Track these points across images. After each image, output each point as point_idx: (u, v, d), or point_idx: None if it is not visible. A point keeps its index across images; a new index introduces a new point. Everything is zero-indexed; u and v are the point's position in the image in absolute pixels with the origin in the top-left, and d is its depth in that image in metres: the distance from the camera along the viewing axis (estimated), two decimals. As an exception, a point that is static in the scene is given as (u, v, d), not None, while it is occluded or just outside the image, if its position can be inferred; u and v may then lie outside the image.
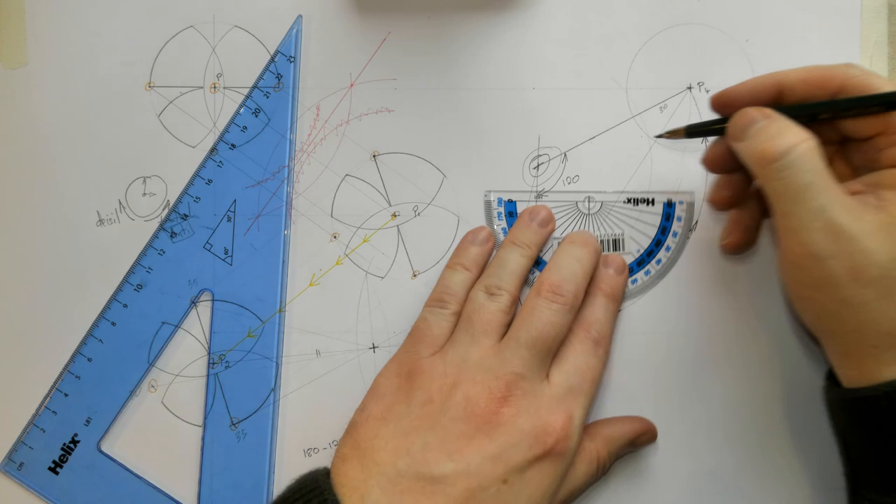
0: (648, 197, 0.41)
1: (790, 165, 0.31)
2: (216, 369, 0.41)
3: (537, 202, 0.41)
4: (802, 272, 0.32)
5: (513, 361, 0.35)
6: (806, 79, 0.34)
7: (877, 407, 0.32)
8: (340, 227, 0.42)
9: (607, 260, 0.40)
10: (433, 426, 0.35)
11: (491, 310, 0.37)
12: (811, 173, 0.31)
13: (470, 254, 0.40)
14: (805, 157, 0.31)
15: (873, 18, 0.40)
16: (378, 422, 0.36)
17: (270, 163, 0.41)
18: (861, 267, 0.31)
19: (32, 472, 0.41)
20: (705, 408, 0.40)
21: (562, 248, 0.39)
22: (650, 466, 0.40)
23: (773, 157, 0.32)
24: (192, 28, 0.42)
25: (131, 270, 0.41)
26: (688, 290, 0.41)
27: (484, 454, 0.34)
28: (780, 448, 0.40)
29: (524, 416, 0.35)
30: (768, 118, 0.33)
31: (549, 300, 0.36)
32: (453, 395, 0.35)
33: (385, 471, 0.34)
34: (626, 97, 0.41)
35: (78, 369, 0.41)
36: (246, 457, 0.40)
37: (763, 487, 0.40)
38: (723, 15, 0.41)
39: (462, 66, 0.41)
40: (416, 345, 0.38)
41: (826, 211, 0.31)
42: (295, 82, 0.41)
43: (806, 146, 0.31)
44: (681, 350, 0.40)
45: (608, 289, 0.39)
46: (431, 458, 0.34)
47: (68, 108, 0.42)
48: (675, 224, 0.41)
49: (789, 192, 0.31)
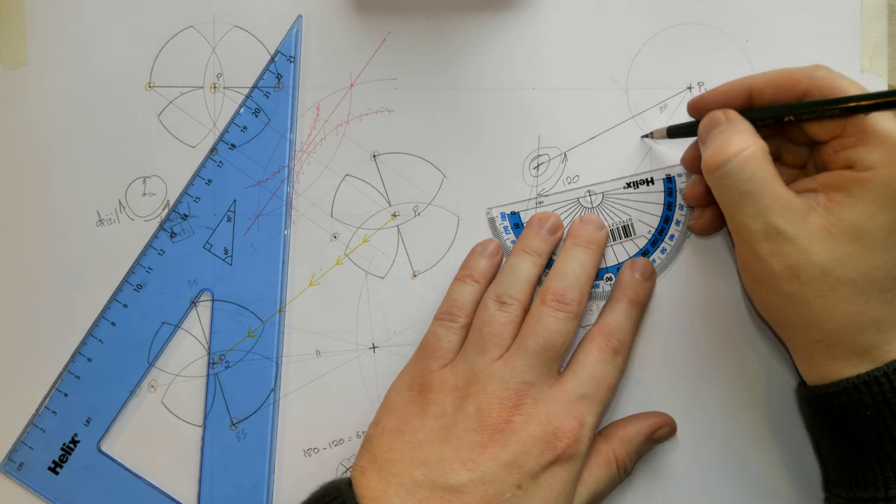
0: (647, 178, 0.41)
1: (728, 175, 0.33)
2: (216, 369, 0.41)
3: (538, 206, 0.41)
4: (748, 267, 0.34)
5: (522, 371, 0.36)
6: (774, 82, 0.35)
7: (835, 404, 0.33)
8: (340, 227, 0.42)
9: (635, 264, 0.40)
10: (447, 438, 0.35)
11: (501, 322, 0.37)
12: (750, 182, 0.33)
13: (479, 266, 0.40)
14: (744, 166, 0.33)
15: (873, 18, 0.41)
16: (393, 435, 0.36)
17: (270, 163, 0.41)
18: (800, 266, 0.32)
19: (32, 472, 0.41)
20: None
21: (565, 251, 0.39)
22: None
23: (714, 166, 0.33)
24: (192, 28, 0.42)
25: (131, 270, 0.41)
26: (695, 279, 0.41)
27: (498, 462, 0.34)
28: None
29: (535, 423, 0.35)
30: (728, 121, 0.35)
31: (555, 309, 0.37)
32: (465, 407, 0.36)
33: (403, 481, 0.35)
34: (626, 97, 0.41)
35: (78, 369, 0.41)
36: (246, 457, 0.40)
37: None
38: (723, 15, 0.41)
39: (462, 66, 0.41)
40: (427, 359, 0.38)
41: (765, 214, 0.32)
42: (295, 82, 0.41)
43: (746, 154, 0.33)
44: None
45: (633, 295, 0.39)
46: (447, 467, 0.34)
47: (68, 107, 0.42)
48: (679, 197, 0.41)
49: (731, 197, 0.33)
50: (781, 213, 0.32)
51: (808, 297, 0.32)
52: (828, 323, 0.32)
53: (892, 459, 0.32)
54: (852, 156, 0.33)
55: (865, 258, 0.32)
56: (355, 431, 0.41)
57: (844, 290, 0.32)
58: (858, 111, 0.32)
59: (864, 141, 0.32)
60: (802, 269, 0.32)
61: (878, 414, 0.32)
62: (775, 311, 0.34)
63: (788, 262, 0.32)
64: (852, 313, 0.32)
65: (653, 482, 0.40)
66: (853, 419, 0.32)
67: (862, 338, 0.32)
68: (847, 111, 0.33)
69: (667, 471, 0.40)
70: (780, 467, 0.40)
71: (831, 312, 0.32)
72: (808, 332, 0.33)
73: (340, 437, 0.41)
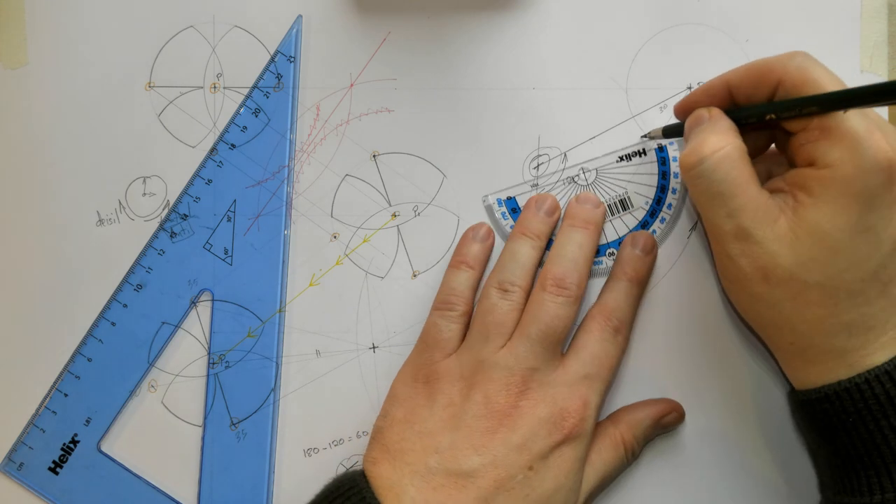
0: (639, 149, 0.41)
1: (702, 175, 0.33)
2: (216, 369, 0.41)
3: (533, 189, 0.41)
4: (722, 266, 0.34)
5: (526, 357, 0.36)
6: (748, 74, 0.34)
7: (818, 410, 0.33)
8: (340, 227, 0.42)
9: (636, 238, 0.40)
10: (457, 425, 0.36)
11: (504, 310, 0.37)
12: (723, 182, 0.32)
13: (472, 251, 0.40)
14: (717, 166, 0.32)
15: (873, 18, 0.40)
16: (403, 425, 0.37)
17: (270, 163, 0.41)
18: (768, 268, 0.32)
19: (32, 472, 0.41)
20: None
21: (563, 234, 0.39)
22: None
23: (689, 165, 0.33)
24: (192, 28, 0.42)
25: (131, 270, 0.41)
26: (695, 279, 0.41)
27: (508, 445, 0.35)
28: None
29: (541, 405, 0.36)
30: (711, 119, 0.35)
31: (555, 294, 0.37)
32: (473, 396, 0.36)
33: (417, 469, 0.35)
34: (626, 97, 0.41)
35: (78, 369, 0.41)
36: (246, 457, 0.40)
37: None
38: (723, 15, 0.41)
39: (462, 65, 0.41)
40: (429, 350, 0.38)
41: (735, 216, 0.32)
42: (295, 82, 0.41)
43: (721, 155, 0.32)
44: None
45: (633, 272, 0.39)
46: (460, 454, 0.35)
47: (68, 107, 0.42)
48: (673, 165, 0.41)
49: (704, 197, 0.33)
50: (752, 215, 0.32)
51: (778, 300, 0.32)
52: (799, 325, 0.32)
53: (874, 465, 0.32)
54: (813, 152, 0.32)
55: (830, 261, 0.31)
56: (355, 431, 0.41)
57: (812, 294, 0.32)
58: (838, 107, 0.31)
59: (827, 136, 0.31)
60: (771, 271, 0.32)
61: (861, 420, 0.32)
62: (750, 311, 0.35)
63: (758, 264, 0.32)
64: (822, 316, 0.32)
65: (653, 474, 0.40)
66: (836, 425, 0.32)
67: (834, 341, 0.32)
68: (825, 109, 0.31)
69: (668, 461, 0.40)
70: (781, 465, 0.40)
71: (801, 315, 0.32)
72: (782, 335, 0.33)
73: (340, 437, 0.41)
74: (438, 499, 0.34)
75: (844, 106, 0.31)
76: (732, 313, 0.40)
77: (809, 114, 0.32)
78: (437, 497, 0.34)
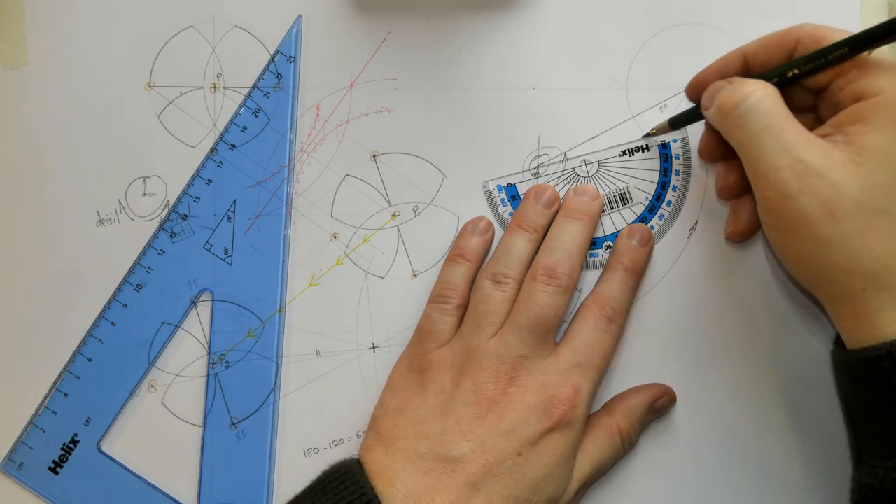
0: (642, 144, 0.41)
1: (746, 112, 0.32)
2: (216, 369, 0.41)
3: (534, 177, 0.41)
4: (777, 215, 0.32)
5: (516, 345, 0.37)
6: (765, 43, 0.35)
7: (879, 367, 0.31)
8: (340, 227, 0.42)
9: (632, 230, 0.40)
10: (447, 413, 0.36)
11: (496, 301, 0.38)
12: (768, 116, 0.32)
13: (471, 244, 0.40)
14: (760, 103, 0.32)
15: (873, 18, 0.41)
16: (396, 413, 0.38)
17: (270, 163, 0.41)
18: (833, 201, 0.31)
19: (32, 472, 0.41)
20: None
21: (557, 224, 0.39)
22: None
23: (729, 107, 0.33)
24: (192, 28, 0.42)
25: (131, 270, 0.41)
26: (694, 279, 0.41)
27: (497, 431, 0.35)
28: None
29: (531, 392, 0.36)
30: (732, 82, 0.35)
31: (545, 283, 0.37)
32: (463, 383, 0.37)
33: (408, 455, 0.36)
34: (626, 97, 0.41)
35: (78, 369, 0.41)
36: (246, 457, 0.40)
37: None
38: (723, 15, 0.41)
39: (462, 65, 0.41)
40: (424, 342, 0.39)
41: (790, 149, 0.31)
42: (295, 82, 0.41)
43: (761, 93, 0.33)
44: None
45: (629, 263, 0.39)
46: (449, 440, 0.36)
47: (68, 107, 0.42)
48: (675, 163, 0.41)
49: (750, 136, 0.32)
50: (807, 146, 0.31)
51: (845, 238, 0.31)
52: (872, 263, 0.30)
53: None
54: (858, 88, 0.32)
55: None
56: (355, 431, 0.41)
57: (882, 223, 0.30)
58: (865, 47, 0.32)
59: (867, 72, 0.32)
60: (836, 204, 0.30)
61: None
62: (812, 263, 0.32)
63: (821, 199, 0.31)
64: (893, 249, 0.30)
65: (652, 466, 0.40)
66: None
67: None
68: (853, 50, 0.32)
69: (666, 458, 0.40)
70: (781, 464, 0.40)
71: (873, 252, 0.30)
72: (853, 280, 0.31)
73: (340, 437, 0.41)
74: (428, 482, 0.35)
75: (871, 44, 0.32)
76: (732, 313, 0.40)
77: (835, 60, 0.33)
78: (427, 481, 0.35)
